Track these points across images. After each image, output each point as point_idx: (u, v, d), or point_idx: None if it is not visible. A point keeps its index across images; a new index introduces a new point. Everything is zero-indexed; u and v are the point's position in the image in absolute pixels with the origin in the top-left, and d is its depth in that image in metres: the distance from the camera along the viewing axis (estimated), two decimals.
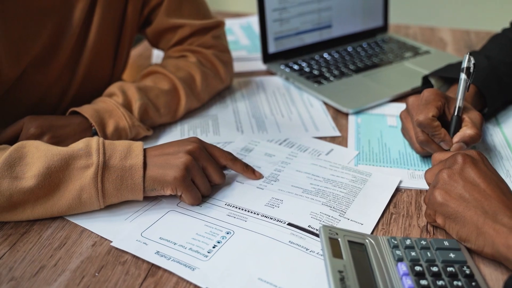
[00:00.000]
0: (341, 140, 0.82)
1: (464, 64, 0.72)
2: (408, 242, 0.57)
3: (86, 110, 0.77)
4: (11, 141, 0.73)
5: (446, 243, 0.57)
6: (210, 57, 0.93)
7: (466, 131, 0.70)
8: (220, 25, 0.97)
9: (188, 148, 0.66)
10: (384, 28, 1.24)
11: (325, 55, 1.12)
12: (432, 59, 1.09)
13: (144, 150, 0.65)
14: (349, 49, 1.15)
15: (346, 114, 0.90)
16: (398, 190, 0.70)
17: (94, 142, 0.64)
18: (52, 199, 0.62)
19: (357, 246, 0.55)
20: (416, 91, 0.94)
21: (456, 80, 0.79)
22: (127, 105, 0.80)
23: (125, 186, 0.63)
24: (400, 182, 0.71)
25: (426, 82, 0.92)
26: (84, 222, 0.63)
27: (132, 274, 0.56)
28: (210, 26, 0.95)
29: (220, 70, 0.94)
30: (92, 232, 0.62)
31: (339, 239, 0.55)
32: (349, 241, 0.55)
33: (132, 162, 0.63)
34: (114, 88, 0.82)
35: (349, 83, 1.00)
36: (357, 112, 0.90)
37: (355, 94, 0.95)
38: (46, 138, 0.73)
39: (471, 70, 0.72)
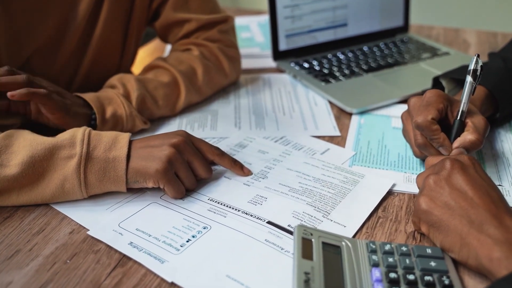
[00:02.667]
0: (339, 140, 0.79)
1: (471, 66, 0.68)
2: (387, 247, 0.54)
3: (88, 95, 0.78)
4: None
5: (428, 250, 0.53)
6: (215, 50, 0.92)
7: (467, 136, 0.66)
8: (227, 20, 0.96)
9: (173, 141, 0.65)
10: (404, 28, 1.20)
11: (339, 54, 1.09)
12: (450, 61, 1.05)
13: (130, 142, 0.65)
14: (365, 48, 1.12)
15: (350, 114, 0.87)
16: (390, 193, 0.67)
17: (80, 132, 0.64)
18: (36, 187, 0.62)
19: (332, 248, 0.53)
20: None
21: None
22: (126, 96, 0.80)
23: (108, 178, 0.63)
24: (394, 185, 0.67)
25: (437, 83, 0.88)
26: (66, 210, 0.64)
27: (102, 263, 0.56)
28: (217, 20, 0.94)
29: (225, 64, 0.93)
30: (72, 220, 0.62)
31: (312, 240, 0.53)
32: (324, 243, 0.53)
33: (116, 154, 0.63)
34: (114, 80, 0.82)
35: (358, 82, 0.97)
36: (362, 112, 0.87)
37: (362, 94, 0.92)
38: (51, 89, 0.72)
39: (478, 73, 0.68)
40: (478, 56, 0.69)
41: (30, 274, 0.54)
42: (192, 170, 0.66)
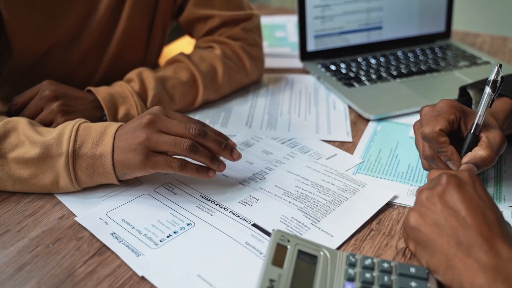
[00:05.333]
0: (350, 146, 0.76)
1: (491, 77, 0.63)
2: (367, 262, 0.51)
3: (101, 92, 0.77)
4: (28, 103, 0.75)
5: (412, 270, 0.50)
6: (237, 49, 0.91)
7: (478, 152, 0.61)
8: (251, 17, 0.94)
9: (143, 122, 0.61)
10: (445, 34, 1.14)
11: (370, 58, 1.05)
12: (489, 71, 0.97)
13: (117, 131, 0.63)
14: (399, 53, 1.07)
15: (368, 120, 0.83)
16: (389, 205, 0.63)
17: (67, 129, 0.63)
18: (32, 181, 0.63)
19: (308, 258, 0.50)
20: None
21: (500, 95, 0.70)
22: (143, 93, 0.80)
23: (97, 174, 0.63)
24: (395, 197, 0.64)
25: (464, 94, 0.82)
26: (62, 195, 0.65)
27: (82, 250, 0.56)
28: (240, 18, 0.93)
29: (246, 64, 0.92)
30: (65, 205, 0.63)
31: (288, 247, 0.50)
32: (300, 251, 0.51)
33: (102, 150, 0.62)
34: (133, 74, 0.82)
35: (382, 88, 0.92)
36: (381, 119, 0.83)
37: (384, 100, 0.88)
38: (57, 104, 0.72)
39: (498, 84, 0.63)
40: (500, 66, 0.64)
41: (11, 255, 0.55)
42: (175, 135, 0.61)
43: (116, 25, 0.85)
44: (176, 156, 0.62)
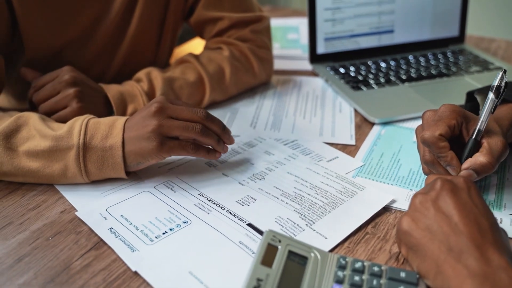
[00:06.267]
0: (352, 149, 0.76)
1: (495, 82, 0.62)
2: (358, 265, 0.51)
3: (112, 89, 0.79)
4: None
5: (402, 274, 0.49)
6: (245, 50, 0.92)
7: (479, 158, 0.60)
8: (261, 19, 0.95)
9: (152, 110, 0.64)
10: (459, 38, 1.13)
11: (380, 61, 1.05)
12: None
13: (125, 123, 0.66)
14: (410, 57, 1.06)
15: (373, 124, 0.83)
16: (387, 209, 0.63)
17: (77, 123, 0.65)
18: (41, 173, 0.65)
19: (298, 259, 0.51)
20: None
21: (506, 100, 0.69)
22: (151, 93, 0.81)
23: (107, 166, 0.65)
24: (393, 201, 0.63)
25: (471, 99, 0.81)
26: (65, 190, 0.66)
27: (80, 244, 0.57)
28: (250, 20, 0.94)
29: (254, 65, 0.92)
30: (67, 200, 0.65)
31: (279, 247, 0.51)
32: (290, 251, 0.51)
33: (112, 142, 0.64)
34: (142, 74, 0.84)
35: (390, 92, 0.92)
36: (385, 123, 0.83)
37: (390, 104, 0.88)
38: (74, 90, 0.74)
39: (502, 90, 0.62)
40: (505, 72, 0.63)
41: (12, 246, 0.57)
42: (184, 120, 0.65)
43: (127, 26, 0.86)
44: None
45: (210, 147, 0.68)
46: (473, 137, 0.62)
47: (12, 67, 0.84)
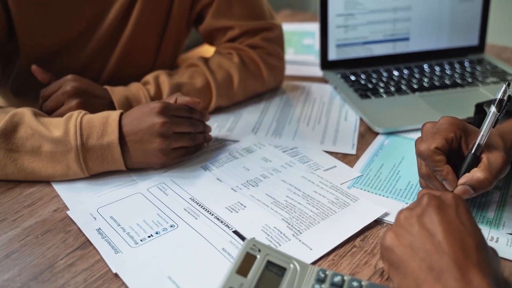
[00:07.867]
0: (352, 159, 0.75)
1: (498, 95, 0.60)
2: (337, 279, 0.49)
3: (117, 93, 0.79)
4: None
5: None
6: (255, 57, 0.91)
7: (476, 173, 0.58)
8: (272, 28, 0.94)
9: (156, 128, 0.67)
10: (479, 48, 1.09)
11: (393, 69, 1.02)
12: None
13: (120, 122, 0.67)
14: (425, 66, 1.04)
15: (377, 134, 0.81)
16: (379, 223, 0.61)
17: (72, 124, 0.66)
18: (44, 173, 0.67)
19: (276, 269, 0.50)
20: (470, 121, 0.81)
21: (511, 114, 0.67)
22: (157, 97, 0.81)
23: (107, 161, 0.67)
24: (386, 214, 0.62)
25: (481, 111, 0.78)
26: (61, 189, 0.68)
27: (67, 243, 0.58)
28: (261, 28, 0.93)
29: (264, 72, 0.91)
30: (62, 199, 0.66)
31: (257, 256, 0.50)
32: (269, 261, 0.50)
33: (109, 140, 0.66)
34: (150, 77, 0.83)
35: (399, 101, 0.90)
36: (390, 133, 0.81)
37: (397, 113, 0.86)
38: (76, 102, 0.75)
39: (504, 103, 0.60)
40: (508, 85, 0.60)
41: (2, 242, 0.58)
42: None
43: (122, 31, 0.86)
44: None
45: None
46: (472, 151, 0.60)
47: (9, 67, 0.85)
